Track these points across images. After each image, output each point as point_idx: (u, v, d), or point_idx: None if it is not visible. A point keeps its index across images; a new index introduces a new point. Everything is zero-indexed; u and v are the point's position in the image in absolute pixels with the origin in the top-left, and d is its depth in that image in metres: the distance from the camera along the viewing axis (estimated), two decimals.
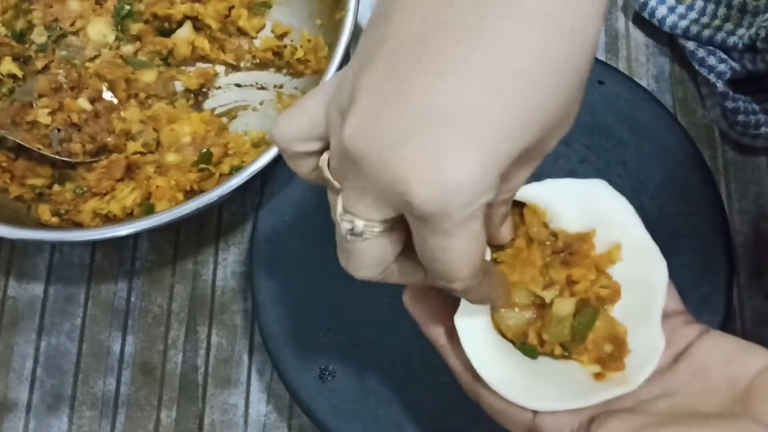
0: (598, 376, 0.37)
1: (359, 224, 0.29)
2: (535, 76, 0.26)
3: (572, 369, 0.37)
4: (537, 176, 0.38)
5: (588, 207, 0.39)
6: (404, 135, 0.26)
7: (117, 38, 0.63)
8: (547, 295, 0.38)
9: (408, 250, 0.31)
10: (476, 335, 0.37)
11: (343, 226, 0.30)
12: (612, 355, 0.37)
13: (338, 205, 0.30)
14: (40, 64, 0.61)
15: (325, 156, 0.31)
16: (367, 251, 0.31)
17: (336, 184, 0.30)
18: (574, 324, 0.37)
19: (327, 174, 0.30)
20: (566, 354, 0.38)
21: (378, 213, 0.29)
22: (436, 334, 0.40)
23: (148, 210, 0.56)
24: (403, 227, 0.30)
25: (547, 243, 0.38)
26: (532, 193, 0.39)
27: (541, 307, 0.38)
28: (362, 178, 0.28)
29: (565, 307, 0.37)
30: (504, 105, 0.26)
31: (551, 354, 0.38)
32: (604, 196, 0.39)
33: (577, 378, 0.37)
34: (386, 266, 0.32)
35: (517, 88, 0.26)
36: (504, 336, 0.38)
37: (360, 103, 0.28)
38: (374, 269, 0.32)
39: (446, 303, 0.39)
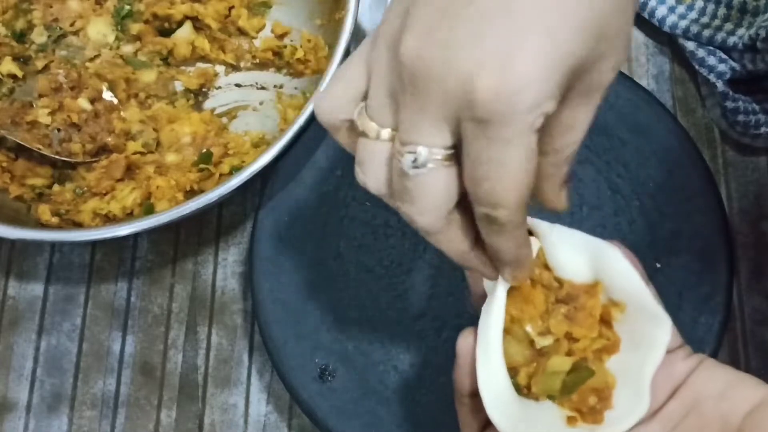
0: (570, 419, 0.36)
1: (422, 152, 0.29)
2: None
3: (548, 406, 0.37)
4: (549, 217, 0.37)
5: (595, 263, 0.37)
6: (472, 34, 0.27)
7: (117, 38, 0.63)
8: (541, 341, 0.37)
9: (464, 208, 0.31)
10: (491, 338, 0.36)
11: (406, 159, 0.29)
12: (593, 408, 0.36)
13: (396, 143, 0.30)
14: (40, 64, 0.61)
15: (359, 107, 0.31)
16: (431, 186, 0.30)
17: (374, 127, 0.30)
18: (566, 380, 0.37)
19: (365, 120, 0.30)
20: (548, 398, 0.37)
21: (438, 134, 0.29)
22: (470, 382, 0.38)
23: (148, 210, 0.56)
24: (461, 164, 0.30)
25: (552, 288, 0.37)
26: (539, 227, 0.37)
27: (539, 351, 0.37)
28: (421, 93, 0.28)
29: (561, 364, 0.37)
30: (568, 2, 0.27)
31: (534, 398, 0.37)
32: (615, 258, 0.37)
33: (551, 417, 0.36)
34: (449, 210, 0.31)
35: None
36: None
37: (417, 22, 0.28)
38: (440, 210, 0.31)
39: None
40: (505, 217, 0.30)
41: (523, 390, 0.37)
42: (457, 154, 0.29)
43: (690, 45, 0.60)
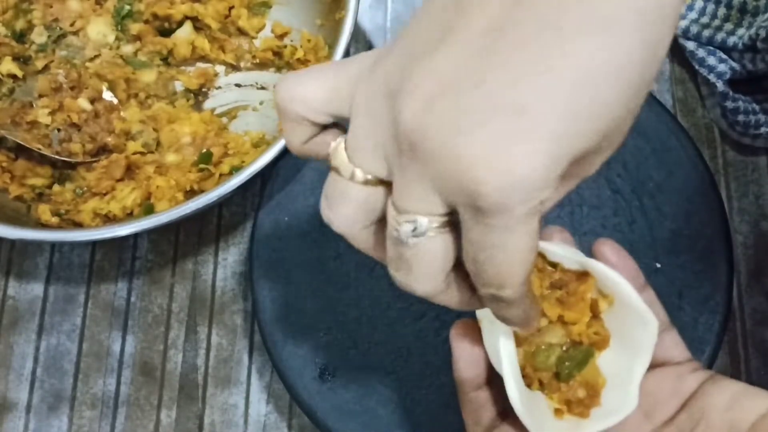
0: (557, 412, 0.37)
1: (422, 222, 0.28)
2: (611, 79, 0.26)
3: (537, 397, 0.37)
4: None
5: (581, 258, 0.38)
6: (475, 121, 0.26)
7: (117, 38, 0.63)
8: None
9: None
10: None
11: (404, 228, 0.28)
12: (581, 401, 0.37)
13: (390, 210, 0.29)
14: (40, 64, 0.61)
15: (339, 140, 0.30)
16: (432, 252, 0.29)
17: (349, 166, 0.29)
18: (563, 357, 0.37)
19: (341, 156, 0.29)
20: (540, 389, 0.38)
21: (436, 204, 0.28)
22: (473, 374, 0.38)
23: (148, 210, 0.56)
24: (456, 228, 0.29)
25: (545, 272, 0.37)
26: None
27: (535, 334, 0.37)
28: (420, 164, 0.27)
29: (555, 335, 0.37)
30: (578, 103, 0.26)
31: (528, 384, 0.37)
32: (601, 264, 0.37)
33: (542, 407, 0.37)
34: (449, 273, 0.30)
35: (592, 89, 0.26)
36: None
37: (423, 87, 0.27)
38: (439, 276, 0.30)
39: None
40: (511, 295, 0.29)
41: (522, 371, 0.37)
42: (453, 219, 0.28)
43: (690, 45, 0.60)
